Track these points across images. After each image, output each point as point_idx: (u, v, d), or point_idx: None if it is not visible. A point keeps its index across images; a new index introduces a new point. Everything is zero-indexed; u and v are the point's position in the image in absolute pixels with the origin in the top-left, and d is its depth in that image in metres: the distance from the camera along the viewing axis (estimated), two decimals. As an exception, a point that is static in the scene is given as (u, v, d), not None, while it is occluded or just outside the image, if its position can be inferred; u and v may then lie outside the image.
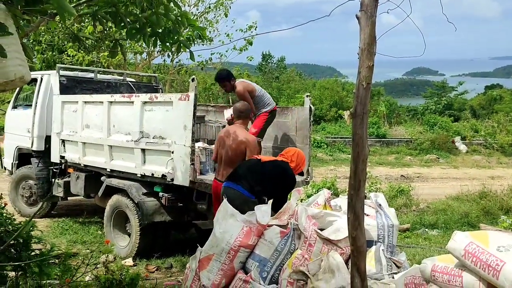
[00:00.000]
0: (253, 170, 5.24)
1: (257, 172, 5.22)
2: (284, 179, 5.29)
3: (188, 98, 5.95)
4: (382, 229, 4.53)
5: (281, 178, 5.27)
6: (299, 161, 5.52)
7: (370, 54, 2.99)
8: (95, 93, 8.44)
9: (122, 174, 7.04)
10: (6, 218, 4.27)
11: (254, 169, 5.25)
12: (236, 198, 4.96)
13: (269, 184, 5.17)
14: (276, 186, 5.18)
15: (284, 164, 5.39)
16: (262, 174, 5.21)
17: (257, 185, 5.11)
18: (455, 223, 8.89)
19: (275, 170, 5.28)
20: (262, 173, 5.22)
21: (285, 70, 38.08)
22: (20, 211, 9.03)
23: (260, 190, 5.10)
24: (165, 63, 18.72)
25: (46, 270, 4.19)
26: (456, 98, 32.77)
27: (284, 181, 5.28)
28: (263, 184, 5.14)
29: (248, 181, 5.11)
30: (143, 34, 4.09)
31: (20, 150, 9.23)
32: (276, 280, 4.17)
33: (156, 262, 6.55)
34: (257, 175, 5.20)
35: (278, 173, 5.27)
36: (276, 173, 5.26)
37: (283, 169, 5.32)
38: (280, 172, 5.28)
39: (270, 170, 5.26)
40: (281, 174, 5.28)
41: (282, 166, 5.36)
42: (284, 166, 5.37)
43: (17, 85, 3.35)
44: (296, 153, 5.56)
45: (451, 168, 19.21)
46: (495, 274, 2.95)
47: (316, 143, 20.04)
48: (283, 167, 5.34)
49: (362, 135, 3.07)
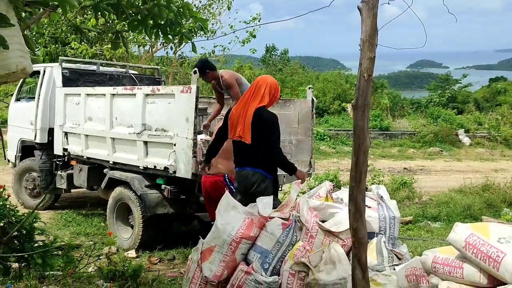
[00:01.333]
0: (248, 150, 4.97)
1: (249, 149, 4.95)
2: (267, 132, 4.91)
3: (190, 91, 5.95)
4: (384, 221, 4.54)
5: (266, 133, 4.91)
6: (273, 91, 5.04)
7: (372, 46, 2.98)
8: (97, 85, 8.45)
9: (124, 166, 7.06)
10: (10, 209, 4.30)
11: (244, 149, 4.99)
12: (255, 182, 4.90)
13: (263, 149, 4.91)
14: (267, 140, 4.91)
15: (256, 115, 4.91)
16: (252, 149, 4.93)
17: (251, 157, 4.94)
18: (457, 216, 8.88)
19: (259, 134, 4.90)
20: (252, 148, 4.92)
21: (288, 63, 37.97)
22: (23, 203, 9.07)
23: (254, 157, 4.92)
24: (167, 56, 18.71)
25: (49, 262, 4.23)
26: (460, 91, 32.60)
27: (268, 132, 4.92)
28: (260, 154, 4.92)
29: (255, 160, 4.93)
30: (145, 26, 4.09)
31: (23, 142, 9.26)
32: (277, 271, 4.19)
33: (158, 254, 6.58)
34: (249, 153, 4.96)
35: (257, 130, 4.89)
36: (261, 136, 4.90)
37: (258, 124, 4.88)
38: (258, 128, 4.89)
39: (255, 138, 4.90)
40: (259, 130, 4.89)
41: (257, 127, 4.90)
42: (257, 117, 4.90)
43: (19, 77, 3.36)
44: (267, 86, 5.03)
45: (455, 160, 19.16)
46: (496, 266, 2.95)
47: (319, 135, 20.01)
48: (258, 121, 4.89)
49: (363, 127, 3.07)
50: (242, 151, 5.04)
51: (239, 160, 5.11)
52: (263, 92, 5.01)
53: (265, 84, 5.06)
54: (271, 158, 4.97)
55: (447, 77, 33.63)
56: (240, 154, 5.09)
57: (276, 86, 5.14)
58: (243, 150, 5.01)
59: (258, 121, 4.90)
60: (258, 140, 4.91)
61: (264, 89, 5.02)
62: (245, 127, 4.93)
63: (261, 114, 4.94)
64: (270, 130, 4.93)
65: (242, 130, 4.96)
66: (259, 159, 4.95)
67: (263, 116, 4.94)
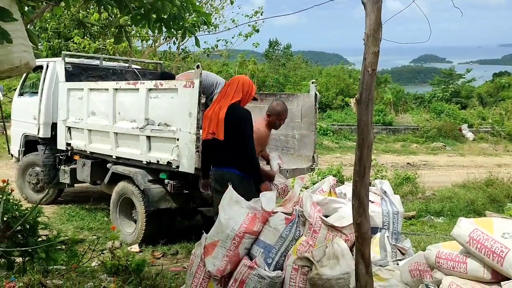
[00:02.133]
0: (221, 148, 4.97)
1: (222, 147, 4.96)
2: (239, 127, 4.92)
3: (193, 85, 5.94)
4: (387, 216, 4.53)
5: (238, 129, 4.91)
6: (246, 88, 5.09)
7: (376, 40, 2.97)
8: (100, 80, 8.45)
9: (127, 161, 7.07)
10: (13, 204, 4.30)
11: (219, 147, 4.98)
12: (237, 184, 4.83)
13: (237, 147, 4.92)
14: (239, 136, 4.91)
15: (231, 112, 4.92)
16: (226, 144, 4.93)
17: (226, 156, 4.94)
18: (461, 211, 8.86)
19: (231, 131, 4.90)
20: (226, 143, 4.92)
21: (291, 57, 37.90)
22: (27, 198, 9.10)
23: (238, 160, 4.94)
24: (170, 50, 18.70)
25: (53, 256, 4.24)
26: (464, 86, 32.46)
27: (240, 127, 4.93)
28: (235, 153, 4.93)
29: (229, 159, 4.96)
30: (148, 20, 4.08)
31: (26, 137, 9.28)
32: (281, 266, 4.19)
33: (162, 249, 6.60)
34: (224, 150, 4.97)
35: (231, 128, 4.89)
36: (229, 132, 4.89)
37: (232, 120, 4.89)
38: (233, 125, 4.89)
39: (228, 135, 4.90)
40: (233, 127, 4.90)
41: (232, 121, 4.90)
42: (232, 115, 4.91)
43: (22, 72, 3.36)
44: (240, 83, 5.08)
45: (458, 155, 19.13)
46: (500, 261, 2.94)
47: (322, 130, 20.00)
48: (232, 117, 4.90)
49: (367, 121, 3.06)
50: (216, 150, 5.02)
51: (215, 160, 5.11)
52: (235, 89, 5.06)
53: (236, 81, 5.14)
54: (246, 156, 4.96)
55: (451, 72, 33.50)
56: (214, 153, 5.07)
57: (250, 83, 5.18)
58: (216, 148, 5.00)
59: (230, 116, 4.91)
60: (231, 137, 4.91)
61: (236, 86, 5.08)
62: (219, 123, 4.93)
63: (233, 109, 4.96)
64: (243, 125, 4.95)
65: (215, 126, 4.96)
66: (232, 158, 4.96)
67: (235, 111, 4.96)
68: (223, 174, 5.00)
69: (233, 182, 4.70)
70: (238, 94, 5.04)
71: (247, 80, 5.20)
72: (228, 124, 4.90)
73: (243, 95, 5.07)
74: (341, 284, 3.82)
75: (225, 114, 4.91)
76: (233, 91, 5.06)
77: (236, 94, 5.04)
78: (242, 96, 5.06)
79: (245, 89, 5.10)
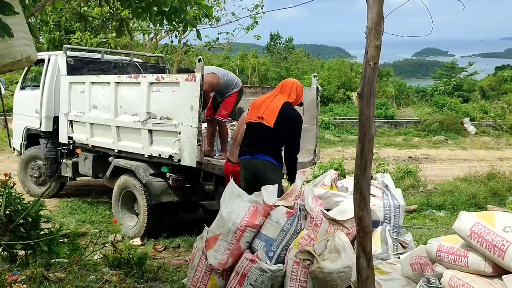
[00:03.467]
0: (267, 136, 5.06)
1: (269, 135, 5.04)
2: (294, 122, 5.08)
3: (195, 79, 5.94)
4: (389, 209, 4.53)
5: (290, 124, 5.05)
6: (299, 91, 5.26)
7: (378, 34, 2.96)
8: (102, 73, 8.44)
9: (129, 154, 7.07)
10: (15, 198, 4.31)
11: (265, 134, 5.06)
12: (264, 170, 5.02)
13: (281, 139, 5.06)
14: (289, 134, 5.07)
15: (287, 106, 5.07)
16: (273, 134, 5.03)
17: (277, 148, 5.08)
18: (462, 205, 8.87)
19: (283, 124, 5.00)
20: (273, 133, 5.02)
21: (293, 51, 37.80)
22: (29, 191, 9.12)
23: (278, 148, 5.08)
24: (172, 44, 18.66)
25: (55, 249, 4.25)
26: (466, 79, 32.36)
27: (294, 125, 5.09)
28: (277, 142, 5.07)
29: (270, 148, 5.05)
30: (149, 13, 4.07)
31: (28, 130, 9.29)
32: (282, 259, 4.20)
33: (163, 242, 6.62)
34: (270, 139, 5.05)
35: (287, 119, 5.02)
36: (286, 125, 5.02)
37: (289, 112, 5.06)
38: (289, 118, 5.04)
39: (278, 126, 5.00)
40: (290, 120, 5.04)
41: (284, 110, 5.02)
42: (287, 108, 5.05)
43: (24, 65, 3.35)
44: (295, 85, 5.26)
45: (460, 149, 19.12)
46: (501, 255, 2.94)
47: (323, 124, 19.98)
48: (288, 111, 5.04)
49: (369, 115, 3.05)
50: (257, 135, 5.08)
51: (250, 148, 5.12)
52: (290, 89, 5.21)
53: (292, 83, 5.30)
54: (290, 153, 5.12)
55: (453, 65, 33.37)
56: (253, 140, 5.11)
57: (302, 88, 5.36)
58: (259, 134, 5.06)
59: (287, 111, 5.03)
60: (280, 129, 4.99)
61: (291, 87, 5.23)
62: (271, 111, 5.02)
63: (290, 107, 5.12)
64: (297, 124, 5.12)
65: (265, 112, 5.04)
66: (274, 147, 5.05)
67: (291, 109, 5.12)
68: (258, 162, 5.06)
69: (268, 169, 4.96)
70: (292, 95, 5.20)
71: (300, 85, 5.35)
72: (282, 117, 4.99)
73: (295, 97, 5.23)
74: (342, 278, 3.83)
75: (280, 107, 5.02)
76: (287, 90, 5.20)
77: (290, 94, 5.19)
78: (294, 98, 5.22)
79: (298, 92, 5.26)
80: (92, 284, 4.06)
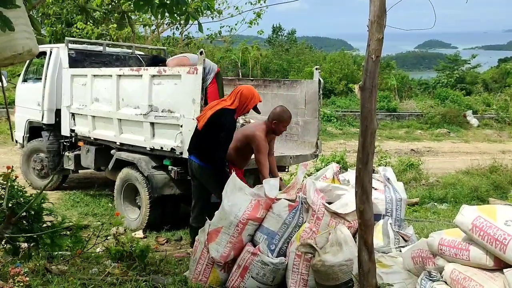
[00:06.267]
0: (198, 139, 5.33)
1: (197, 137, 5.34)
2: (218, 130, 5.14)
3: (197, 72, 5.92)
4: (390, 203, 4.53)
5: (216, 132, 5.14)
6: (244, 99, 5.24)
7: (380, 27, 2.95)
8: (104, 66, 8.42)
9: (131, 147, 7.08)
10: (18, 190, 4.31)
11: (198, 137, 5.33)
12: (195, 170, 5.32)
13: (207, 142, 5.19)
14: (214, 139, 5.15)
15: (217, 114, 5.17)
16: (200, 136, 5.29)
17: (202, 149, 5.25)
18: (464, 197, 8.86)
19: (211, 127, 5.15)
20: (200, 135, 5.28)
21: (295, 43, 37.69)
22: (31, 184, 9.13)
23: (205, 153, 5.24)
24: (174, 36, 18.61)
25: (58, 242, 4.26)
26: (469, 72, 32.24)
27: (218, 131, 5.15)
28: (203, 144, 5.24)
29: (196, 148, 5.31)
30: (151, 6, 4.06)
31: (31, 123, 9.29)
32: (284, 252, 4.21)
33: (166, 235, 6.63)
34: (197, 140, 5.32)
35: (214, 128, 5.14)
36: (212, 130, 5.15)
37: (216, 121, 5.14)
38: (214, 126, 5.14)
39: (207, 131, 5.18)
40: (215, 128, 5.14)
41: (215, 118, 5.15)
42: (217, 117, 5.16)
43: (25, 58, 3.36)
44: (240, 92, 5.26)
45: (462, 142, 19.08)
46: (503, 248, 2.95)
47: (326, 116, 19.93)
48: (216, 119, 5.15)
49: (370, 108, 3.05)
50: (193, 135, 5.46)
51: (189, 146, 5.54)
52: (235, 96, 5.26)
53: (238, 90, 5.34)
54: (212, 153, 5.22)
55: (456, 57, 33.24)
56: (191, 139, 5.49)
57: (248, 96, 5.28)
58: (193, 134, 5.45)
59: (215, 118, 5.16)
60: (207, 131, 5.19)
61: (236, 94, 5.27)
62: (204, 116, 5.25)
63: (223, 114, 5.19)
64: (222, 131, 5.16)
65: (201, 116, 5.34)
66: (199, 147, 5.31)
67: (222, 116, 5.18)
68: (189, 161, 5.49)
69: (192, 166, 5.40)
70: (236, 102, 5.25)
71: (245, 93, 5.31)
72: (210, 122, 5.17)
73: (240, 104, 5.26)
74: (344, 271, 3.84)
75: (213, 111, 5.20)
76: (233, 97, 5.28)
77: (235, 101, 5.25)
78: (238, 105, 5.25)
79: (242, 99, 5.26)
80: (94, 277, 4.08)
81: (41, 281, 3.75)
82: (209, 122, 5.15)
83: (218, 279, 4.40)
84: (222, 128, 5.14)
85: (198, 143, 5.29)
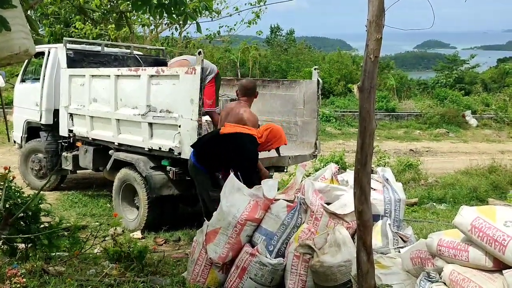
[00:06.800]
0: (211, 143, 5.41)
1: (213, 144, 5.37)
2: (240, 152, 5.24)
3: (195, 72, 5.91)
4: (389, 203, 4.52)
5: (236, 151, 5.24)
6: (271, 137, 5.39)
7: (378, 27, 2.93)
8: (102, 66, 8.40)
9: (130, 148, 7.06)
10: (16, 191, 4.30)
11: (211, 142, 5.41)
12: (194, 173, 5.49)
13: (223, 157, 5.29)
14: (230, 159, 5.24)
15: (246, 136, 5.27)
16: (218, 147, 5.32)
17: (211, 158, 5.35)
18: (463, 198, 8.86)
19: (233, 143, 5.25)
20: (219, 146, 5.31)
21: (294, 43, 37.66)
22: (29, 184, 9.12)
23: (213, 164, 5.38)
24: (172, 36, 18.59)
25: (56, 242, 4.25)
26: (468, 72, 32.23)
27: (240, 154, 5.24)
28: (217, 157, 5.32)
29: (203, 154, 5.38)
30: (149, 6, 4.04)
31: (29, 123, 9.28)
32: (282, 253, 4.20)
33: (164, 235, 6.62)
34: (212, 147, 5.35)
35: (235, 146, 5.24)
36: (233, 146, 5.24)
37: (241, 143, 5.25)
38: (237, 145, 5.24)
39: (227, 143, 5.26)
40: (237, 148, 5.23)
41: (241, 138, 5.25)
42: (245, 139, 5.26)
43: (22, 59, 3.34)
44: (270, 130, 5.41)
45: (461, 142, 19.08)
46: (502, 249, 2.93)
47: (324, 117, 19.92)
48: (242, 141, 5.25)
49: (369, 109, 3.04)
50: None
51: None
52: (263, 132, 5.37)
53: (269, 128, 5.43)
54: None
55: (455, 57, 33.23)
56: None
57: (279, 137, 5.45)
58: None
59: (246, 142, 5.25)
60: (229, 145, 5.28)
61: (266, 130, 5.39)
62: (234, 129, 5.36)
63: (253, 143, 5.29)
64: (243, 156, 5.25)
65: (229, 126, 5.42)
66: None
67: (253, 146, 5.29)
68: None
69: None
70: (262, 138, 5.35)
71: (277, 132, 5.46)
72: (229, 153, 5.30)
73: (265, 140, 5.38)
74: (342, 272, 3.83)
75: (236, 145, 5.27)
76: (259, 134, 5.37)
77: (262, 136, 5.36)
78: (264, 141, 5.38)
79: (270, 137, 5.41)
80: (92, 278, 4.06)
81: (38, 282, 3.73)
82: (236, 138, 5.24)
83: (216, 280, 4.38)
84: (248, 155, 5.27)
85: (212, 148, 5.37)
